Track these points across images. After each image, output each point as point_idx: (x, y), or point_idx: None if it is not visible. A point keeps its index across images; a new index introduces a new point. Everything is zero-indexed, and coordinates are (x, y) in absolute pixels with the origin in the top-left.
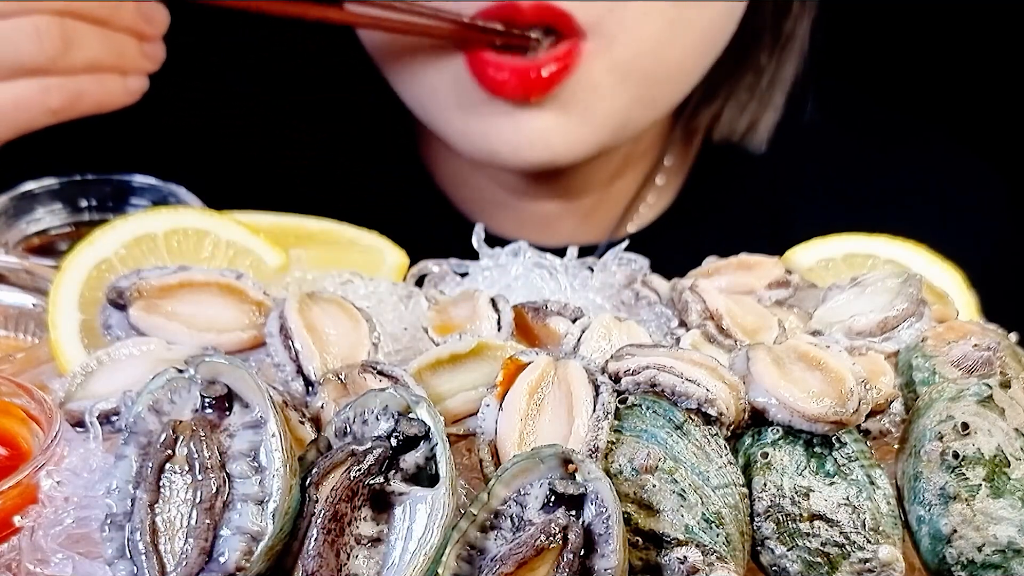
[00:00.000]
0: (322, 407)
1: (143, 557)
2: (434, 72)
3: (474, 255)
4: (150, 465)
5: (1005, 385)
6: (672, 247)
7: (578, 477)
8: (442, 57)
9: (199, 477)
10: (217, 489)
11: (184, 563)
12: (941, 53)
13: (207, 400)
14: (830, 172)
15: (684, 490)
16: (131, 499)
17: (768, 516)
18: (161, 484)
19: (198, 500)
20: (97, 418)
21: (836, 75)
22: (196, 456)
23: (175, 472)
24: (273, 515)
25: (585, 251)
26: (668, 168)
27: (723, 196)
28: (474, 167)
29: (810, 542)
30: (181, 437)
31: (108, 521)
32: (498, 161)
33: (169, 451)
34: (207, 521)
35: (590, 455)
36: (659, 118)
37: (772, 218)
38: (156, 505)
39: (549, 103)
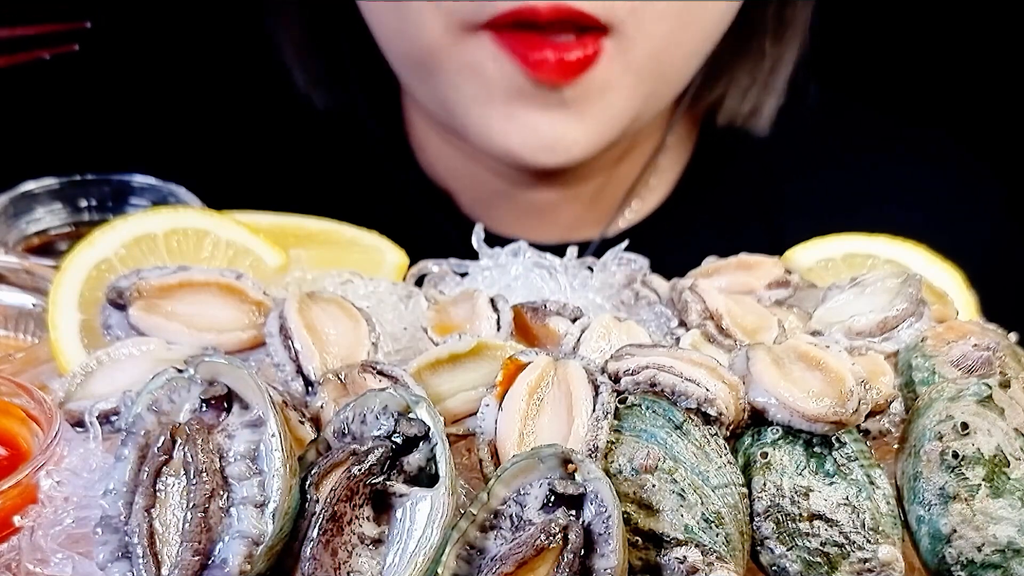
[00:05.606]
0: (322, 407)
1: (141, 561)
2: (459, 64)
3: (474, 255)
4: (147, 470)
5: (1005, 385)
6: (673, 232)
7: (578, 477)
8: (466, 48)
9: (193, 480)
10: (212, 491)
11: (180, 565)
12: (939, 53)
13: (205, 400)
14: (828, 167)
15: (684, 490)
16: (128, 503)
17: (768, 516)
18: (157, 488)
19: (192, 504)
20: (97, 418)
21: (834, 74)
22: (191, 460)
23: (171, 476)
24: (273, 515)
25: (585, 243)
26: (669, 153)
27: (723, 180)
28: (471, 159)
29: (810, 542)
30: (178, 441)
31: (103, 523)
32: (513, 160)
33: (166, 456)
34: (201, 524)
35: (590, 455)
36: (663, 109)
37: (769, 207)
38: (152, 509)
39: (571, 102)
